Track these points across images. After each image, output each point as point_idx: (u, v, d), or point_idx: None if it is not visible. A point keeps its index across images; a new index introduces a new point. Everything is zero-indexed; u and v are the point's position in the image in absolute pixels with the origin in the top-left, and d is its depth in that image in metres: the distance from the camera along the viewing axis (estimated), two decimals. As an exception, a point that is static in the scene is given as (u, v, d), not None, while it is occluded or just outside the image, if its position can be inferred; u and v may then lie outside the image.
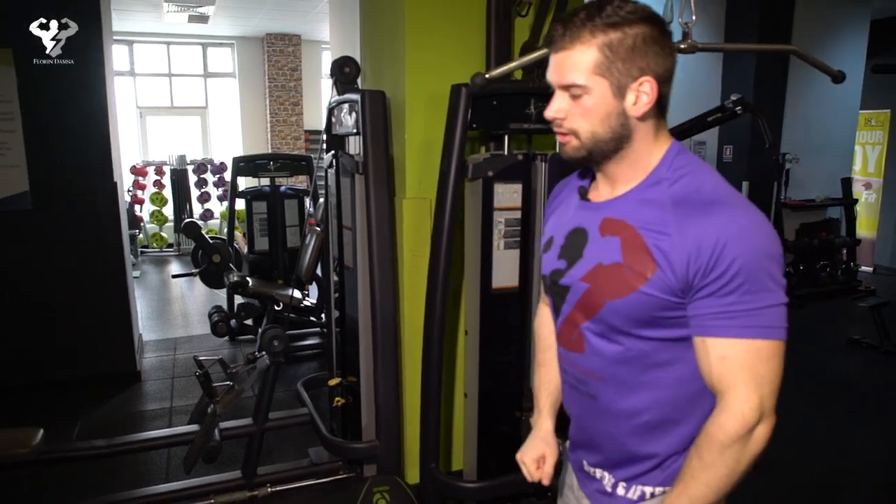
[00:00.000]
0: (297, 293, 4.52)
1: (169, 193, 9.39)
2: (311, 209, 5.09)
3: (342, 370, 3.16)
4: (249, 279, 4.80)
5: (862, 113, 7.48)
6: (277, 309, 4.74)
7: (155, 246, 9.35)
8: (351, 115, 2.74)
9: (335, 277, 3.22)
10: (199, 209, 9.51)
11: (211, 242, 5.05)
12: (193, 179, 9.47)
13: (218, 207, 9.64)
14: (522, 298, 2.53)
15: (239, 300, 5.17)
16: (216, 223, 9.54)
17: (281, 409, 3.30)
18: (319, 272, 4.21)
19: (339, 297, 3.15)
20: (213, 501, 2.78)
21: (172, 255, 9.32)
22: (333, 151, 2.99)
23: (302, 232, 5.22)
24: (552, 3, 2.50)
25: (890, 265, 8.05)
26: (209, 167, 9.51)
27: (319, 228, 3.55)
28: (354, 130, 2.71)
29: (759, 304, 0.97)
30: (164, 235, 9.39)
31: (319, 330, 5.10)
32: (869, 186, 8.13)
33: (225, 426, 2.85)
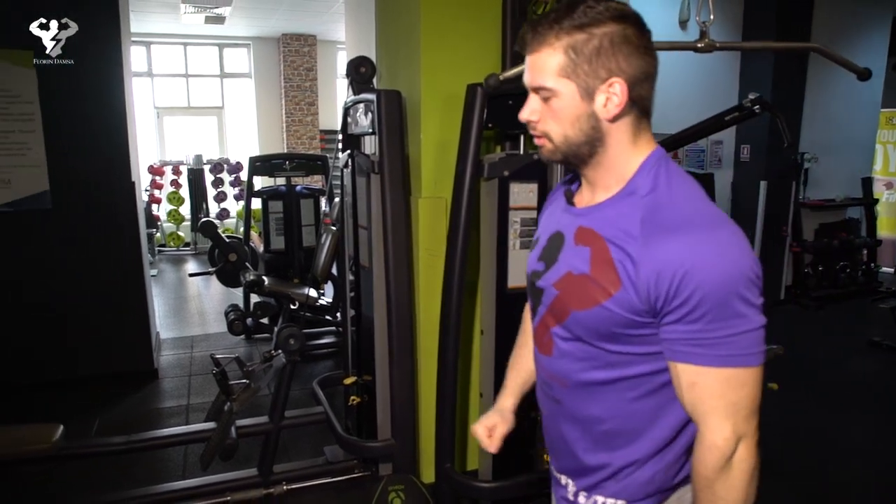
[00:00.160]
0: (312, 292, 4.54)
1: (186, 193, 9.47)
2: (326, 208, 5.11)
3: (357, 369, 3.17)
4: (265, 278, 4.83)
5: (883, 111, 7.38)
6: (293, 308, 4.76)
7: (172, 245, 9.43)
8: (367, 114, 2.74)
9: (351, 276, 3.23)
10: (215, 208, 9.59)
11: (227, 241, 5.08)
12: (210, 179, 9.55)
13: (234, 207, 9.71)
14: (538, 298, 2.52)
15: (255, 299, 5.19)
16: (232, 222, 9.61)
17: (297, 407, 3.31)
18: (335, 271, 4.23)
19: (354, 296, 3.16)
20: (229, 498, 2.80)
21: (189, 253, 9.40)
22: (349, 151, 3.00)
23: (317, 231, 5.24)
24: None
25: (911, 266, 7.94)
26: (225, 167, 9.58)
27: (335, 228, 3.56)
28: (370, 130, 2.71)
29: (728, 331, 0.93)
30: (180, 234, 9.47)
31: (335, 329, 5.12)
32: (890, 186, 8.01)
33: (241, 424, 2.86)
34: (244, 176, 8.41)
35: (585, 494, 1.16)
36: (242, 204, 8.53)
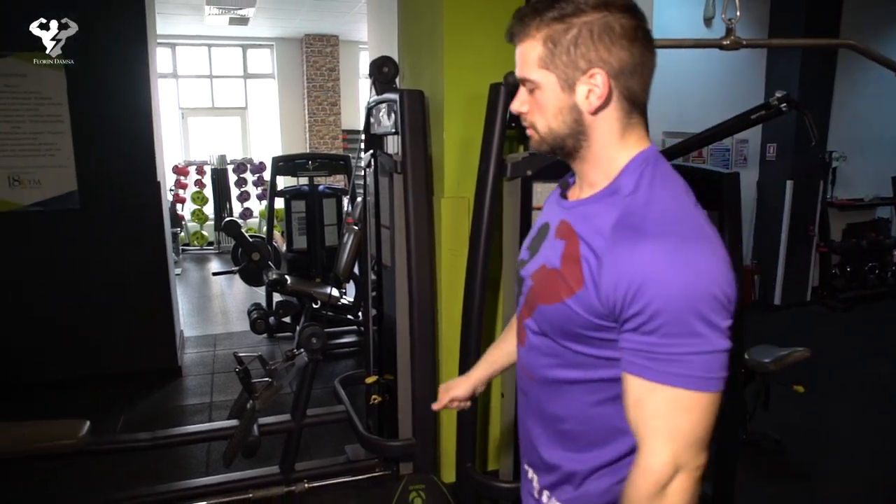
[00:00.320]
0: (334, 291, 4.56)
1: (209, 192, 9.57)
2: (348, 208, 5.13)
3: (379, 368, 3.18)
4: (288, 277, 4.86)
5: (914, 109, 7.23)
6: (315, 307, 4.79)
7: (196, 244, 9.53)
8: (390, 115, 2.74)
9: (373, 276, 3.24)
10: (238, 208, 9.67)
11: (250, 241, 5.13)
12: (233, 179, 9.64)
13: (257, 206, 9.78)
14: (560, 298, 2.51)
15: (277, 298, 5.23)
16: (255, 222, 9.68)
17: (318, 405, 3.32)
18: (357, 270, 4.24)
19: (376, 295, 3.16)
20: (251, 495, 2.82)
21: (213, 252, 9.49)
22: (372, 151, 3.01)
23: (340, 231, 5.26)
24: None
25: (942, 267, 7.76)
26: (249, 167, 9.66)
27: (357, 227, 3.57)
28: (393, 130, 2.72)
29: (683, 349, 0.87)
30: (204, 234, 9.57)
31: (356, 328, 5.14)
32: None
33: (264, 422, 2.88)
34: (267, 176, 8.46)
35: (548, 494, 1.14)
36: (265, 203, 8.60)
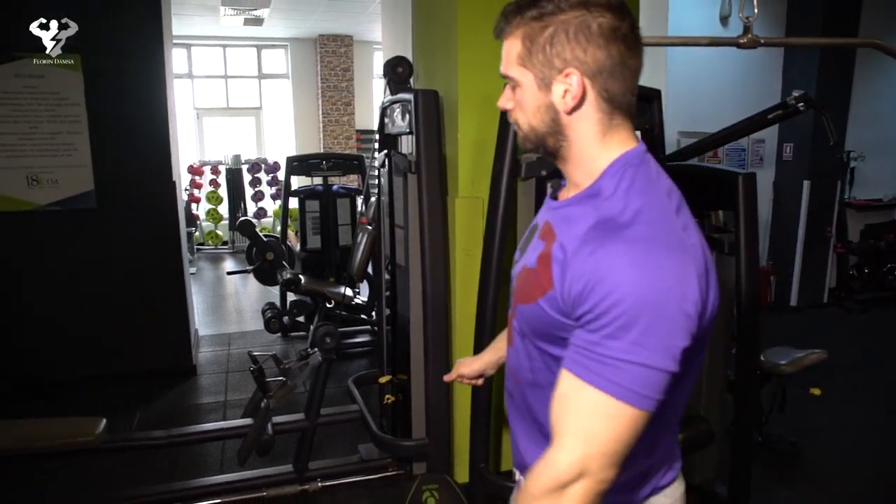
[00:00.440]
0: (348, 291, 4.57)
1: (224, 192, 9.63)
2: (362, 208, 5.13)
3: (393, 368, 3.18)
4: (302, 277, 4.88)
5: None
6: (329, 306, 4.80)
7: (210, 243, 9.59)
8: (404, 115, 2.75)
9: (387, 276, 3.24)
10: (252, 208, 9.72)
11: (265, 240, 5.15)
12: (248, 178, 9.69)
13: (271, 206, 9.83)
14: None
15: (291, 297, 5.25)
16: (269, 221, 9.73)
17: (332, 405, 3.33)
18: (371, 270, 4.25)
19: (390, 295, 3.17)
20: (265, 494, 2.84)
21: (227, 252, 9.55)
22: (386, 151, 3.01)
23: (353, 230, 5.27)
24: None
25: (962, 269, 7.65)
26: (263, 166, 9.71)
27: (371, 227, 3.58)
28: (407, 130, 2.72)
29: (620, 355, 0.85)
30: (219, 233, 9.63)
31: (370, 328, 5.15)
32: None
33: (278, 420, 2.89)
34: (281, 175, 8.48)
35: None
36: (279, 203, 8.62)
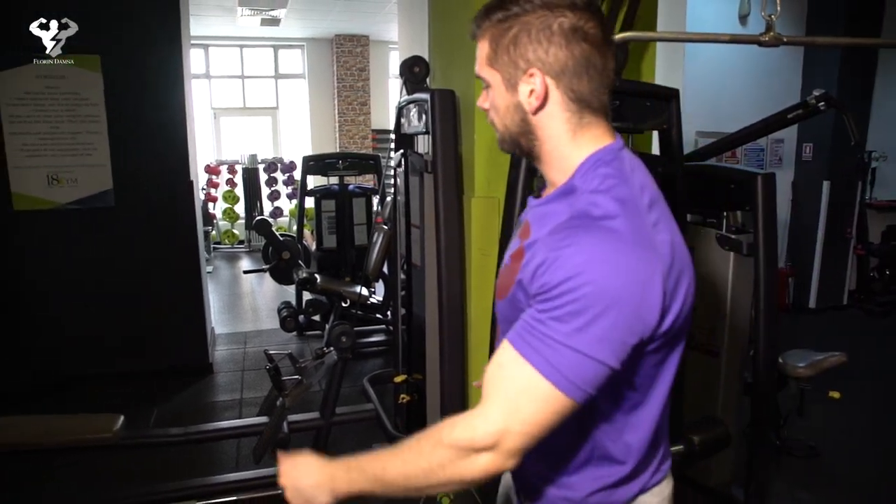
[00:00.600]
0: (364, 290, 4.57)
1: (240, 191, 9.67)
2: (378, 207, 5.14)
3: (408, 367, 3.17)
4: (317, 276, 4.89)
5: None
6: (345, 305, 4.81)
7: (227, 242, 9.65)
8: (420, 114, 2.74)
9: (402, 275, 3.23)
10: (269, 207, 9.76)
11: (281, 239, 5.18)
12: (264, 178, 9.73)
13: (287, 205, 9.87)
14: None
15: (307, 296, 5.27)
16: (285, 221, 9.77)
17: (347, 404, 3.34)
18: (386, 270, 4.25)
19: (405, 294, 3.16)
20: (280, 491, 2.83)
21: (243, 251, 9.60)
22: (402, 150, 3.01)
23: (369, 230, 5.28)
24: (626, -3, 2.44)
25: None
26: (279, 166, 9.75)
27: (387, 227, 3.58)
28: (424, 130, 2.71)
29: (559, 337, 0.85)
30: (235, 232, 9.69)
31: (385, 327, 5.15)
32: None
33: (293, 419, 2.90)
34: (297, 175, 8.54)
35: (519, 500, 1.15)
36: (295, 202, 8.66)
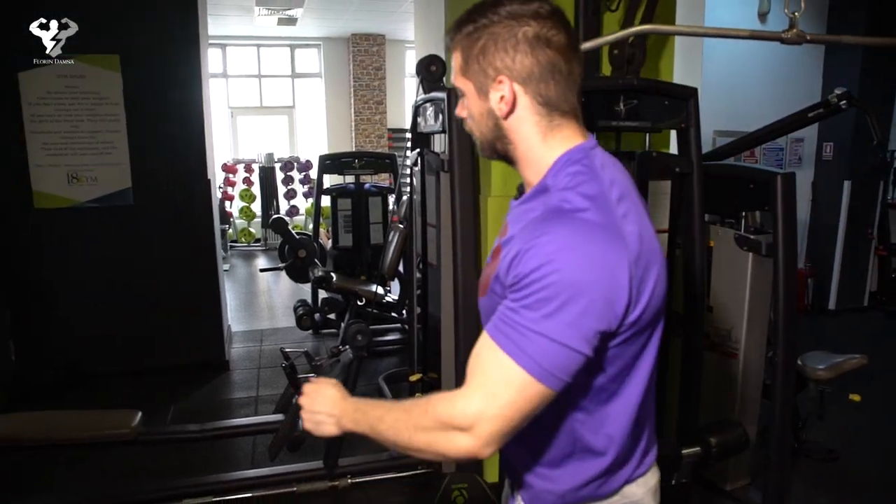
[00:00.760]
0: (379, 289, 4.58)
1: (257, 190, 9.74)
2: (394, 206, 5.15)
3: (423, 366, 3.18)
4: (333, 274, 4.91)
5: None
6: (360, 304, 4.82)
7: (243, 240, 9.71)
8: (437, 113, 2.74)
9: (418, 274, 3.24)
10: (285, 205, 9.81)
11: (297, 238, 5.20)
12: (280, 177, 9.79)
13: (303, 204, 9.91)
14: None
15: (323, 295, 5.28)
16: (301, 219, 9.81)
17: (362, 402, 3.34)
18: (402, 269, 4.26)
19: (421, 293, 3.17)
20: (295, 489, 2.86)
21: (259, 249, 9.66)
22: (419, 149, 3.01)
23: (385, 229, 5.29)
24: (644, -5, 2.42)
25: None
26: (296, 165, 9.80)
27: (402, 226, 3.58)
28: (440, 129, 2.71)
29: (532, 325, 0.87)
30: (251, 230, 9.75)
31: (401, 326, 5.16)
32: None
33: (309, 417, 2.90)
34: (314, 174, 8.57)
35: (512, 496, 1.16)
36: (312, 201, 8.70)
